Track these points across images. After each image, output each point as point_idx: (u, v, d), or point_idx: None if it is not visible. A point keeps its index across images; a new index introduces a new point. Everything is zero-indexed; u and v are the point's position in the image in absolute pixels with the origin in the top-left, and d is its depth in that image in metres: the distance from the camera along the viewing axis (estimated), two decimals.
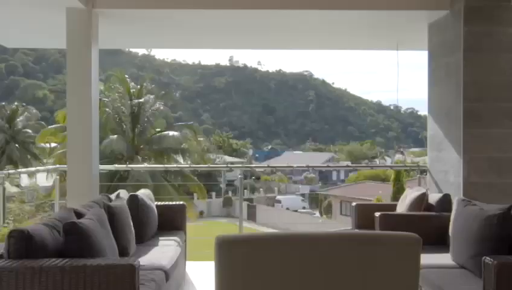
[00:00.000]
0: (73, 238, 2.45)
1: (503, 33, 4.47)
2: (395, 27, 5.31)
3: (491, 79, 4.51)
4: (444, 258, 3.32)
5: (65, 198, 5.89)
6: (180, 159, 18.14)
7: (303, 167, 16.91)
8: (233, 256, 1.85)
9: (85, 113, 4.51)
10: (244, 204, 12.52)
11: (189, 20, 5.18)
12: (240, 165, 23.24)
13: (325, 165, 38.06)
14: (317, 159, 47.49)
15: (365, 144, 58.85)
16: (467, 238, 3.12)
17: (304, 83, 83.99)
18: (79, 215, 2.85)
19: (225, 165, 23.18)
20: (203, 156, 26.08)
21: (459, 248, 3.20)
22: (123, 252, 3.21)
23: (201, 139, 35.89)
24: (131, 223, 3.58)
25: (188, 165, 16.97)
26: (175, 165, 17.02)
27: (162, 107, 19.65)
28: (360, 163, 42.41)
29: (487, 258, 2.43)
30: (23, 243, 2.30)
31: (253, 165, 28.58)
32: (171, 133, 18.24)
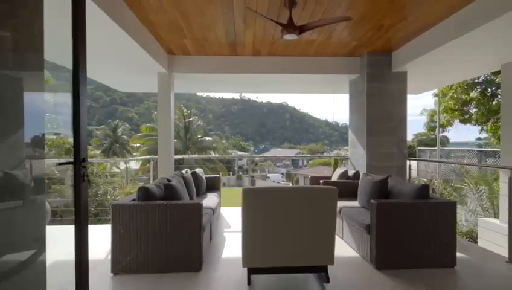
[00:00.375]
0: (169, 191, 2.75)
1: (387, 87, 4.46)
2: (334, 82, 5.26)
3: (380, 111, 4.46)
4: (354, 203, 3.48)
5: (148, 174, 6.00)
6: (212, 153, 18.09)
7: (282, 157, 17.14)
8: (250, 197, 2.19)
9: (167, 127, 4.53)
10: (249, 179, 12.81)
11: (221, 79, 5.11)
12: (247, 156, 23.18)
13: (295, 156, 38.41)
14: (291, 153, 47.01)
15: (318, 144, 58.15)
16: (365, 192, 3.30)
17: (283, 108, 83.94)
18: (168, 180, 3.14)
19: (238, 156, 23.76)
20: (225, 151, 26.41)
21: (361, 197, 3.39)
22: (191, 199, 3.51)
23: (224, 141, 35.93)
24: (194, 185, 3.79)
25: (216, 156, 17.40)
26: (209, 156, 17.19)
27: (201, 123, 19.71)
28: (315, 155, 42.06)
29: (372, 200, 2.64)
30: (146, 193, 2.62)
31: (254, 156, 28.30)
32: (207, 138, 18.20)
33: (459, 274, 2.50)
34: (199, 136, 18.51)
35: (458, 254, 2.68)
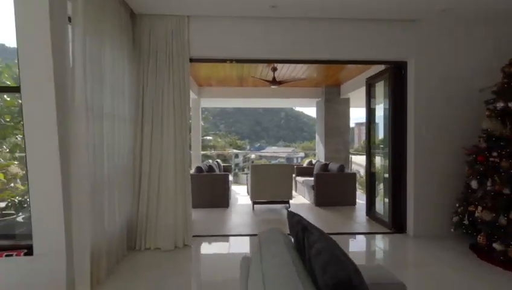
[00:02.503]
0: (210, 168, 5.46)
1: (337, 107, 6.93)
2: (307, 102, 7.59)
3: (333, 122, 6.93)
4: (311, 178, 5.72)
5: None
6: (211, 150, 20.77)
7: (277, 154, 19.76)
8: (254, 168, 4.87)
9: (196, 132, 7.07)
10: (246, 176, 15.42)
11: (231, 99, 7.70)
12: (243, 152, 25.91)
13: (289, 153, 41.34)
14: (285, 150, 50.08)
15: (312, 142, 61.23)
16: (316, 170, 5.77)
17: (278, 108, 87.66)
18: (207, 164, 5.84)
19: (235, 153, 26.49)
20: (222, 149, 29.08)
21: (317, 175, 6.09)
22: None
23: (220, 140, 38.63)
24: (218, 168, 6.46)
25: (215, 153, 19.98)
26: (208, 152, 19.82)
27: (203, 124, 22.40)
28: (309, 152, 45.02)
29: (315, 172, 5.41)
30: (199, 169, 5.30)
31: (249, 152, 31.02)
32: (207, 137, 21.07)
33: (356, 208, 5.20)
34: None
35: (359, 199, 5.40)
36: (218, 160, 7.02)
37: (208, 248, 3.35)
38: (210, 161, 6.68)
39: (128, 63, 3.09)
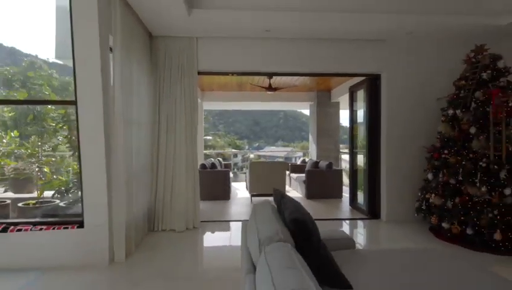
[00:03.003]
0: (213, 165, 6.18)
1: (328, 110, 7.64)
2: (301, 105, 8.37)
3: (324, 123, 7.64)
4: (304, 174, 6.81)
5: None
6: (210, 149, 21.49)
7: (275, 154, 20.53)
8: (253, 164, 5.57)
9: (200, 132, 7.96)
10: (244, 175, 16.15)
11: (231, 102, 8.52)
12: (242, 151, 26.67)
13: (287, 153, 42.11)
14: (284, 150, 50.80)
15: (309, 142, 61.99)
16: (313, 170, 6.71)
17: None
18: (203, 164, 6.53)
19: (233, 153, 27.28)
20: (222, 148, 29.79)
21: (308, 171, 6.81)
22: None
23: (219, 139, 39.38)
24: (219, 164, 7.16)
25: (214, 152, 20.69)
26: (207, 151, 20.52)
27: (203, 124, 23.14)
28: (306, 151, 45.66)
29: (307, 169, 6.12)
30: (203, 166, 6.01)
31: (248, 152, 31.80)
32: (207, 137, 21.83)
33: (342, 200, 5.89)
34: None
35: (345, 193, 6.09)
36: (219, 158, 7.69)
37: (213, 229, 4.03)
38: (212, 159, 7.35)
39: (147, 76, 3.77)
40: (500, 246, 2.99)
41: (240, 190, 7.20)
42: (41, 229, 2.73)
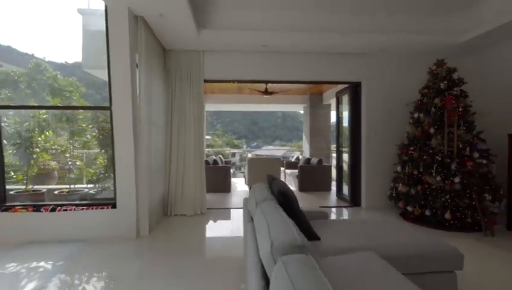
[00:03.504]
0: (215, 161, 6.89)
1: (320, 111, 8.35)
2: (296, 107, 9.27)
3: (316, 124, 8.36)
4: (296, 169, 7.61)
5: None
6: (208, 148, 22.21)
7: (273, 153, 21.29)
8: (251, 160, 6.29)
9: None
10: (243, 174, 16.83)
11: (230, 103, 9.28)
12: (240, 151, 27.49)
13: (284, 152, 42.90)
14: (281, 149, 51.64)
15: None
16: (305, 166, 7.47)
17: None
18: (207, 160, 7.24)
19: (232, 152, 28.07)
20: (220, 148, 30.55)
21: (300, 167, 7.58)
22: None
23: (217, 139, 40.14)
24: (220, 161, 7.90)
25: (212, 150, 21.39)
26: (206, 151, 21.25)
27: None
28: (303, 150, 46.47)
29: (299, 165, 6.87)
30: (206, 162, 6.72)
31: (246, 151, 32.66)
32: (206, 137, 22.42)
33: (331, 192, 6.62)
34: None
35: (333, 186, 6.82)
36: (220, 156, 8.40)
37: (217, 215, 4.74)
38: (213, 156, 8.05)
39: (162, 84, 4.47)
40: (451, 224, 3.73)
41: (239, 184, 7.91)
42: (82, 209, 3.43)
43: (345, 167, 5.78)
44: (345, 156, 5.85)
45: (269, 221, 1.51)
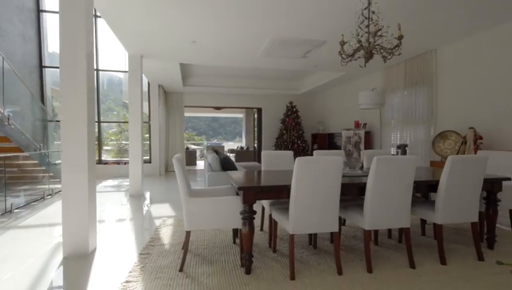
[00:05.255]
0: (187, 148, 11.97)
1: (252, 117, 14.40)
2: (239, 115, 14.78)
3: (250, 126, 14.34)
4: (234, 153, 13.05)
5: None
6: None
7: (232, 147, 26.74)
8: (207, 147, 11.51)
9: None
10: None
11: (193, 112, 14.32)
12: (200, 147, 32.29)
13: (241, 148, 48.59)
14: (239, 145, 57.26)
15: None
16: (239, 150, 12.84)
17: None
18: (187, 147, 12.29)
19: (192, 149, 32.87)
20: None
21: (237, 151, 12.98)
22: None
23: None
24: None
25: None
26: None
27: None
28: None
29: (237, 151, 12.23)
30: (188, 148, 11.76)
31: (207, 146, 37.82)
32: None
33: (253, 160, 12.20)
34: None
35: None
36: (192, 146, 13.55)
37: (189, 172, 9.93)
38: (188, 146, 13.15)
39: (163, 110, 9.55)
40: None
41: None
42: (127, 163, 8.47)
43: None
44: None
45: (210, 161, 6.85)
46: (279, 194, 2.37)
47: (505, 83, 3.98)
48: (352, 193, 2.58)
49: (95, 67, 7.95)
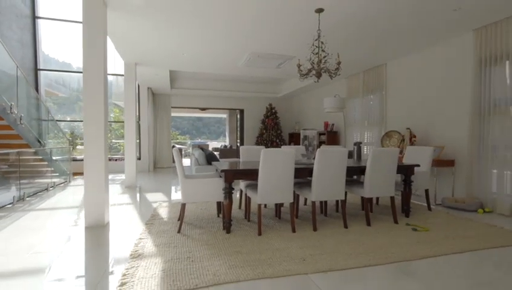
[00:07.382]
0: (173, 146, 12.74)
1: (234, 118, 15.34)
2: (223, 115, 15.68)
3: (233, 126, 15.29)
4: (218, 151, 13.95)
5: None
6: None
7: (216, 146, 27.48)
8: (193, 146, 12.29)
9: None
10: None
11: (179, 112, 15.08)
12: (184, 147, 32.77)
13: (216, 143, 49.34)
14: (223, 143, 57.93)
15: None
16: (223, 149, 13.81)
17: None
18: (173, 145, 13.02)
19: (179, 147, 33.34)
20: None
21: (220, 150, 13.90)
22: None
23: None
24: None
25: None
26: None
27: None
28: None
29: (221, 149, 13.11)
30: (174, 145, 12.49)
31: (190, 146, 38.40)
32: None
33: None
34: None
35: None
36: (178, 145, 14.28)
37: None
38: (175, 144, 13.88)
39: (151, 111, 10.29)
40: None
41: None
42: (122, 160, 9.18)
43: None
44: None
45: (197, 156, 7.70)
46: (251, 176, 3.32)
47: (435, 94, 5.13)
48: (306, 176, 3.57)
49: None
